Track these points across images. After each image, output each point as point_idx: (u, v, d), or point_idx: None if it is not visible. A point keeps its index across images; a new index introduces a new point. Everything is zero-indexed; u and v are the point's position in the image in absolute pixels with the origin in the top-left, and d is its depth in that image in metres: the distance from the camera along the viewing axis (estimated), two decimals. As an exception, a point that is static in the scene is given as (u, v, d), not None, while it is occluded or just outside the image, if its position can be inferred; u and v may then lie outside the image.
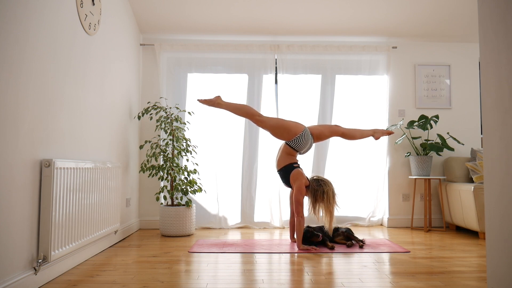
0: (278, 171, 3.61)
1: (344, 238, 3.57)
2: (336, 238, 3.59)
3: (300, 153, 3.60)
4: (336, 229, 3.65)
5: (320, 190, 3.40)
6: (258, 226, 4.53)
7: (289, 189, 3.76)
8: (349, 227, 3.78)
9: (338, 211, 3.54)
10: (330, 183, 3.47)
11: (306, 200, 3.50)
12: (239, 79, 4.63)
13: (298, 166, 3.54)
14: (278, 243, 3.58)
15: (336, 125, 3.69)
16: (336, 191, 3.48)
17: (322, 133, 3.60)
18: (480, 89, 3.25)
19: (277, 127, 3.49)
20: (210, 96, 4.41)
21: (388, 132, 3.76)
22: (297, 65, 4.66)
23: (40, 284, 2.31)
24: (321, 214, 3.41)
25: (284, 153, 3.55)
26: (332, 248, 3.34)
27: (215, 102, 3.62)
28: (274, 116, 4.57)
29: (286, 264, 2.87)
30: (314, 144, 4.58)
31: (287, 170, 3.51)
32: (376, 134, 3.73)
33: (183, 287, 2.29)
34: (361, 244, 3.44)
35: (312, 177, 3.53)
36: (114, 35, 3.65)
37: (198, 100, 3.71)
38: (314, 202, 3.42)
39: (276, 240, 3.75)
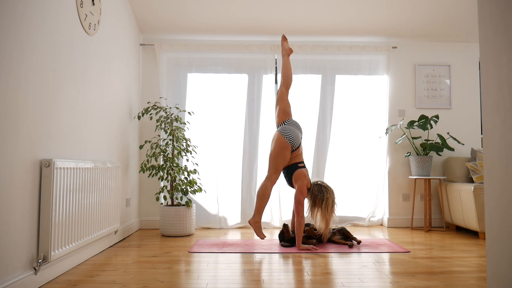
0: (282, 169, 3.62)
1: (343, 238, 3.56)
2: (333, 237, 3.57)
3: (296, 146, 3.57)
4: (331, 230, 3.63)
5: (319, 196, 3.38)
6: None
7: (293, 189, 3.74)
8: (344, 227, 3.75)
9: (334, 221, 3.48)
10: (332, 191, 3.43)
11: (307, 202, 3.50)
12: (239, 79, 4.63)
13: (303, 167, 3.55)
14: (278, 243, 3.58)
15: (280, 94, 3.82)
16: (336, 200, 3.44)
17: (283, 110, 3.75)
18: (480, 89, 3.25)
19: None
20: (210, 93, 4.52)
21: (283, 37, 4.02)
22: (297, 65, 4.66)
23: (40, 284, 2.31)
24: (318, 219, 3.40)
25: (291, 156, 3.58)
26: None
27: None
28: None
29: (286, 264, 2.87)
30: (314, 144, 4.60)
31: (291, 169, 3.51)
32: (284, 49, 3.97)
33: (183, 287, 2.29)
34: (358, 240, 3.45)
35: (316, 182, 3.51)
36: (114, 35, 3.65)
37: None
38: (313, 206, 3.42)
39: (276, 240, 3.75)
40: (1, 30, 1.99)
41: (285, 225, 3.51)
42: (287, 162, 3.54)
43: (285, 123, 3.69)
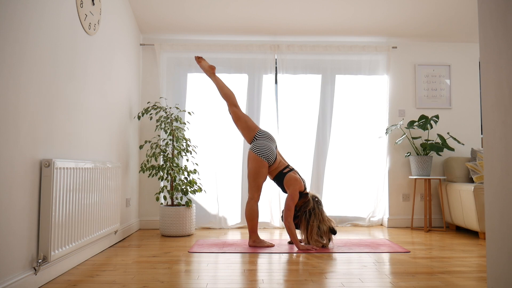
0: (272, 179, 3.64)
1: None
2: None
3: (273, 161, 3.52)
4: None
5: (306, 214, 3.36)
6: (258, 226, 4.52)
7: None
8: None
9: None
10: (321, 220, 3.34)
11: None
12: (239, 79, 4.63)
13: (290, 170, 3.52)
14: (278, 243, 3.58)
15: (233, 115, 3.67)
16: (320, 229, 3.32)
17: (246, 128, 3.63)
18: (480, 89, 3.25)
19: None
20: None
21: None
22: (297, 65, 4.66)
23: (40, 284, 2.31)
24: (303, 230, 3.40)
25: (271, 171, 3.56)
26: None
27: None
28: (274, 122, 4.58)
29: (286, 264, 2.87)
30: (314, 145, 4.60)
31: (279, 178, 3.51)
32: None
33: (183, 287, 2.29)
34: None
35: (314, 197, 3.44)
36: (114, 35, 3.65)
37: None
38: (300, 215, 3.42)
39: (276, 240, 3.75)
40: (1, 30, 1.99)
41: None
42: (266, 177, 3.53)
43: (256, 138, 3.58)
